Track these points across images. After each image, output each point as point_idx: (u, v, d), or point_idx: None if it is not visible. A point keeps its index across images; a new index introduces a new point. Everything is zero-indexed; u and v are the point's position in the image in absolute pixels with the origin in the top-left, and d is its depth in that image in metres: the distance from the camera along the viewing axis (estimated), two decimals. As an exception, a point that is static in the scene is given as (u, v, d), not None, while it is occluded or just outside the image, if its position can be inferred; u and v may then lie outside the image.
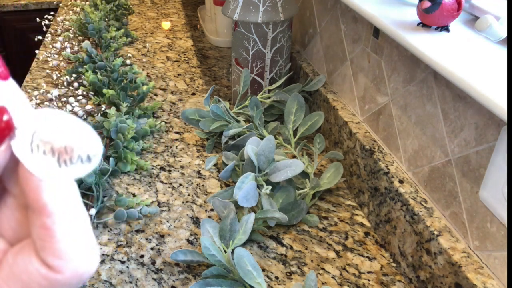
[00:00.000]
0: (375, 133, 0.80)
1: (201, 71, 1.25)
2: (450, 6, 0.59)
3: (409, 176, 0.70)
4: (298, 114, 0.90)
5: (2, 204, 0.21)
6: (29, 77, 1.19)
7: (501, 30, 0.56)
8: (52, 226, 0.19)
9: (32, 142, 0.19)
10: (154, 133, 0.98)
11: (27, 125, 0.19)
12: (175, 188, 0.83)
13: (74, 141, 0.19)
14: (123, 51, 1.35)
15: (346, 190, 0.83)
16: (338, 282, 0.65)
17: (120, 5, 1.55)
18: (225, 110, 0.91)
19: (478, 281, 0.53)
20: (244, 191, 0.69)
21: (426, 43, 0.59)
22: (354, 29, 0.85)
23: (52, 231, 0.19)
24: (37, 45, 1.53)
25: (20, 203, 0.21)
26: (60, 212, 0.19)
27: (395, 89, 0.72)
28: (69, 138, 0.19)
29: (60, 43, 1.32)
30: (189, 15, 1.66)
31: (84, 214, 0.20)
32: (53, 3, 2.02)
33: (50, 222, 0.19)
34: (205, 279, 0.62)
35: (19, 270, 0.20)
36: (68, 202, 0.19)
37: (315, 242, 0.72)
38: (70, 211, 0.19)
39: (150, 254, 0.69)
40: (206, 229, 0.67)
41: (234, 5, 0.95)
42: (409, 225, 0.65)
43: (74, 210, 0.20)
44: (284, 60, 1.03)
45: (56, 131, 0.19)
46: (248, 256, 0.61)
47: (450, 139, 0.60)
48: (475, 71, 0.52)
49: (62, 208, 0.19)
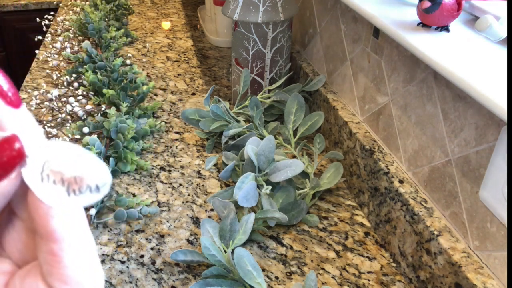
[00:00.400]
0: (375, 133, 0.80)
1: (201, 71, 1.25)
2: (450, 6, 0.59)
3: (409, 176, 0.70)
4: (298, 114, 0.90)
5: (10, 227, 0.22)
6: (29, 77, 1.19)
7: (501, 30, 0.56)
8: (59, 252, 0.19)
9: (42, 171, 0.19)
10: (154, 133, 0.98)
11: (38, 154, 0.19)
12: (175, 188, 0.83)
13: (83, 171, 0.20)
14: (123, 51, 1.35)
15: (346, 190, 0.83)
16: (338, 282, 0.65)
17: (120, 5, 1.55)
18: (225, 110, 0.91)
19: (478, 281, 0.53)
20: (244, 191, 0.69)
21: (426, 43, 0.59)
22: (354, 29, 0.85)
23: (59, 257, 0.19)
24: (37, 45, 1.53)
25: (28, 227, 0.22)
26: (67, 239, 0.19)
27: (395, 89, 0.72)
28: (78, 168, 0.20)
29: (60, 43, 1.32)
30: (189, 15, 1.66)
31: (91, 240, 0.21)
32: (53, 3, 2.02)
33: (58, 248, 0.19)
34: (205, 279, 0.62)
35: None
36: (76, 229, 0.20)
37: (315, 242, 0.72)
38: (77, 238, 0.20)
39: (150, 254, 0.69)
40: (206, 229, 0.67)
41: (234, 5, 0.95)
42: (409, 225, 0.65)
43: (81, 236, 0.20)
44: (284, 60, 1.03)
45: (66, 161, 0.19)
46: (248, 256, 0.61)
47: (450, 139, 0.60)
48: (475, 71, 0.52)
49: (69, 235, 0.19)
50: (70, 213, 0.20)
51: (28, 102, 1.07)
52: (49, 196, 0.19)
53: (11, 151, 0.19)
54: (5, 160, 0.18)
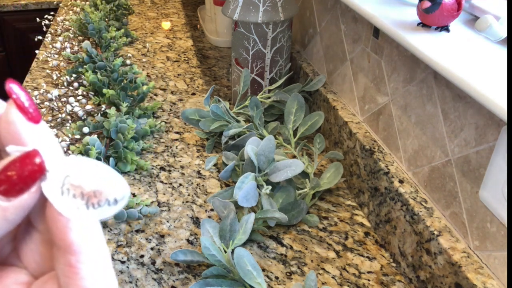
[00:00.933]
0: (375, 133, 0.80)
1: (201, 71, 1.25)
2: (450, 6, 0.59)
3: (409, 176, 0.70)
4: (298, 114, 0.90)
5: (28, 238, 0.22)
6: (29, 77, 1.19)
7: (501, 30, 0.56)
8: (77, 264, 0.20)
9: (63, 186, 0.20)
10: (154, 133, 0.98)
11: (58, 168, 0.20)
12: (175, 188, 0.83)
13: (102, 185, 0.20)
14: (123, 51, 1.35)
15: (346, 190, 0.83)
16: (338, 282, 0.65)
17: (120, 5, 1.55)
18: (225, 110, 0.91)
19: (478, 281, 0.53)
20: (244, 191, 0.69)
21: (426, 43, 0.59)
22: (354, 29, 0.85)
23: (77, 268, 0.20)
24: (37, 45, 1.53)
25: (45, 239, 0.22)
26: (85, 251, 0.20)
27: (395, 89, 0.72)
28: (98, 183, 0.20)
29: (60, 43, 1.32)
30: (189, 15, 1.66)
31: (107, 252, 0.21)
32: (53, 3, 2.02)
33: (75, 260, 0.20)
34: (205, 279, 0.62)
35: None
36: (93, 242, 0.20)
37: (315, 242, 0.72)
38: (94, 250, 0.20)
39: (150, 254, 0.69)
40: (206, 229, 0.67)
41: (234, 5, 0.95)
42: (409, 225, 0.65)
43: (98, 249, 0.20)
44: (284, 60, 1.03)
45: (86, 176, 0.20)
46: (248, 256, 0.61)
47: (450, 139, 0.60)
48: (475, 71, 0.52)
49: (87, 247, 0.20)
50: (88, 225, 0.20)
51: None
52: (68, 209, 0.20)
53: (32, 166, 0.19)
54: (26, 174, 0.19)
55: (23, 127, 0.20)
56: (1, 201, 0.19)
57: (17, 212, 0.19)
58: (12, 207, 0.19)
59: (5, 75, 2.16)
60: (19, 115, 0.20)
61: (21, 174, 0.19)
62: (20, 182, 0.19)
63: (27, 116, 0.20)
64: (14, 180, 0.19)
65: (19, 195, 0.19)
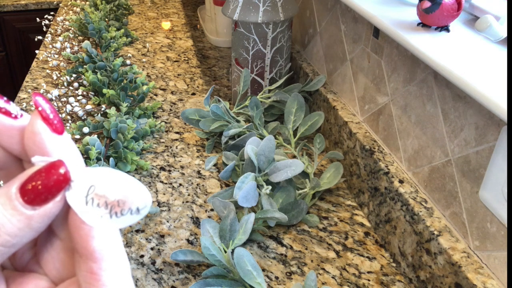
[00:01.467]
0: (375, 133, 0.80)
1: (201, 71, 1.25)
2: (450, 6, 0.59)
3: (409, 176, 0.70)
4: (298, 114, 0.90)
5: (49, 246, 0.23)
6: (29, 77, 1.19)
7: (501, 30, 0.56)
8: (98, 271, 0.20)
9: (87, 195, 0.20)
10: (154, 133, 0.98)
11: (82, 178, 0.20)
12: (175, 188, 0.83)
13: (126, 195, 0.21)
14: (123, 51, 1.35)
15: (346, 190, 0.83)
16: (338, 282, 0.65)
17: (120, 5, 1.55)
18: (225, 110, 0.91)
19: (478, 281, 0.53)
20: (244, 191, 0.69)
21: (426, 43, 0.59)
22: (354, 29, 0.85)
23: (99, 275, 0.20)
24: (37, 45, 1.53)
25: (66, 246, 0.23)
26: (107, 259, 0.20)
27: (395, 89, 0.72)
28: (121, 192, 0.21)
29: (60, 43, 1.32)
30: (189, 15, 1.66)
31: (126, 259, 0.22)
32: (53, 3, 2.02)
33: (97, 267, 0.20)
34: (205, 279, 0.62)
35: None
36: (114, 249, 0.21)
37: (315, 242, 0.72)
38: (115, 258, 0.21)
39: (150, 254, 0.69)
40: (206, 229, 0.67)
41: (234, 5, 0.95)
42: (409, 225, 0.65)
43: (118, 256, 0.21)
44: (284, 60, 1.03)
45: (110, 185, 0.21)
46: (248, 256, 0.61)
47: (450, 139, 0.60)
48: (475, 71, 0.52)
49: (109, 255, 0.20)
50: (109, 234, 0.21)
51: (28, 102, 1.07)
52: (91, 218, 0.20)
53: (58, 176, 0.20)
54: (51, 184, 0.20)
55: (48, 138, 0.20)
56: (27, 210, 0.19)
57: (41, 221, 0.20)
58: (37, 215, 0.20)
59: (5, 75, 2.16)
60: (44, 126, 0.20)
61: (46, 183, 0.19)
62: (45, 192, 0.19)
63: (51, 127, 0.20)
64: (40, 190, 0.19)
65: (44, 204, 0.20)
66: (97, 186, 0.20)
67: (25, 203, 0.19)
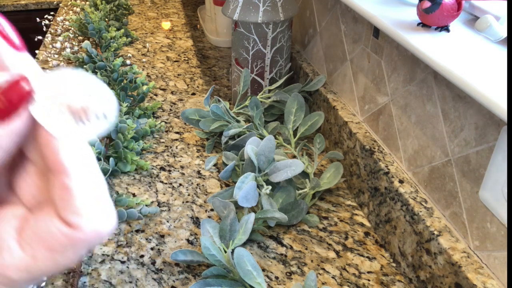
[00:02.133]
0: (375, 133, 0.80)
1: (201, 71, 1.25)
2: (450, 6, 0.59)
3: (409, 176, 0.70)
4: (298, 114, 0.90)
5: (23, 171, 0.23)
6: (29, 77, 1.19)
7: (501, 30, 0.56)
8: (71, 185, 0.20)
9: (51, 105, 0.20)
10: (154, 133, 0.98)
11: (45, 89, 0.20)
12: (175, 188, 0.83)
13: (89, 100, 0.20)
14: (123, 51, 1.35)
15: (346, 190, 0.83)
16: (338, 282, 0.65)
17: (120, 5, 1.55)
18: (225, 110, 0.91)
19: (478, 281, 0.53)
20: (244, 191, 0.69)
21: (426, 43, 0.59)
22: (354, 29, 0.85)
23: (72, 190, 0.20)
24: (37, 45, 1.53)
25: (40, 170, 0.22)
26: (78, 171, 0.20)
27: (395, 89, 0.72)
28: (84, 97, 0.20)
29: (60, 43, 1.32)
30: (189, 15, 1.66)
31: (100, 175, 0.21)
32: (53, 3, 2.02)
33: (69, 181, 0.20)
34: (205, 279, 0.62)
35: (41, 231, 0.21)
36: (86, 162, 0.21)
37: (315, 242, 0.72)
38: (87, 171, 0.21)
39: (150, 254, 0.69)
40: (206, 229, 0.67)
41: (234, 5, 0.95)
42: (409, 225, 0.65)
43: (91, 170, 0.21)
44: (284, 60, 1.03)
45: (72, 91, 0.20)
46: (248, 256, 0.61)
47: (450, 139, 0.60)
48: (475, 71, 0.52)
49: (80, 167, 0.20)
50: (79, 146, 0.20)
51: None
52: (58, 128, 0.20)
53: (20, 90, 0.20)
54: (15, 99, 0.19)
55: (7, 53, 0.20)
56: None
57: (10, 139, 0.20)
58: (5, 134, 0.20)
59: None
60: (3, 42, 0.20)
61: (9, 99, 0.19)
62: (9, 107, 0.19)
63: (9, 42, 0.20)
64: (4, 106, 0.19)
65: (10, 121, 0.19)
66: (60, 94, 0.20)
67: None
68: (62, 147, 0.20)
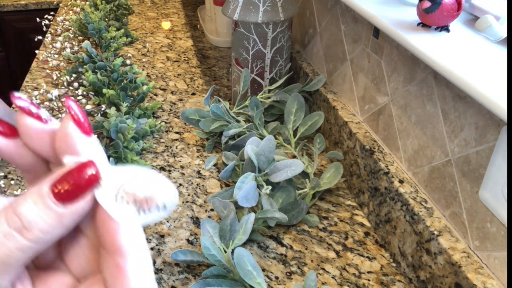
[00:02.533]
0: (375, 133, 0.80)
1: (201, 71, 1.25)
2: (450, 6, 0.59)
3: (409, 176, 0.70)
4: (298, 114, 0.90)
5: (75, 243, 0.24)
6: (29, 77, 1.19)
7: (501, 30, 0.56)
8: (124, 266, 0.21)
9: (117, 193, 0.21)
10: (154, 133, 0.98)
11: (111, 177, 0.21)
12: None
13: (153, 192, 0.22)
14: (123, 51, 1.35)
15: (346, 190, 0.83)
16: (338, 282, 0.65)
17: (120, 5, 1.55)
18: (225, 110, 0.91)
19: (478, 281, 0.53)
20: (244, 191, 0.69)
21: (426, 43, 0.59)
22: (354, 29, 0.85)
23: (125, 270, 0.21)
24: (37, 45, 1.53)
25: (91, 244, 0.23)
26: (132, 253, 0.21)
27: (395, 89, 0.72)
28: (149, 189, 0.22)
29: (60, 43, 1.32)
30: (189, 15, 1.66)
31: (149, 255, 0.23)
32: (53, 3, 2.02)
33: (123, 262, 0.21)
34: (205, 279, 0.62)
35: None
36: (140, 245, 0.22)
37: (315, 242, 0.72)
38: (140, 253, 0.22)
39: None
40: (206, 229, 0.67)
41: (234, 5, 0.95)
42: (409, 225, 0.65)
43: (143, 252, 0.22)
44: (284, 60, 1.03)
45: (138, 183, 0.22)
46: (248, 256, 0.61)
47: (450, 139, 0.60)
48: (475, 71, 0.52)
49: (134, 249, 0.21)
50: (136, 230, 0.21)
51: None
52: (119, 214, 0.21)
53: (89, 175, 0.21)
54: (83, 183, 0.21)
55: (79, 139, 0.21)
56: (59, 208, 0.20)
57: (72, 218, 0.21)
58: (68, 213, 0.21)
59: (5, 75, 2.16)
60: (76, 128, 0.21)
61: (77, 182, 0.21)
62: (76, 190, 0.21)
63: (82, 129, 0.22)
64: (71, 188, 0.20)
65: (75, 202, 0.21)
66: (126, 184, 0.21)
67: (57, 201, 0.20)
68: (120, 230, 0.21)
